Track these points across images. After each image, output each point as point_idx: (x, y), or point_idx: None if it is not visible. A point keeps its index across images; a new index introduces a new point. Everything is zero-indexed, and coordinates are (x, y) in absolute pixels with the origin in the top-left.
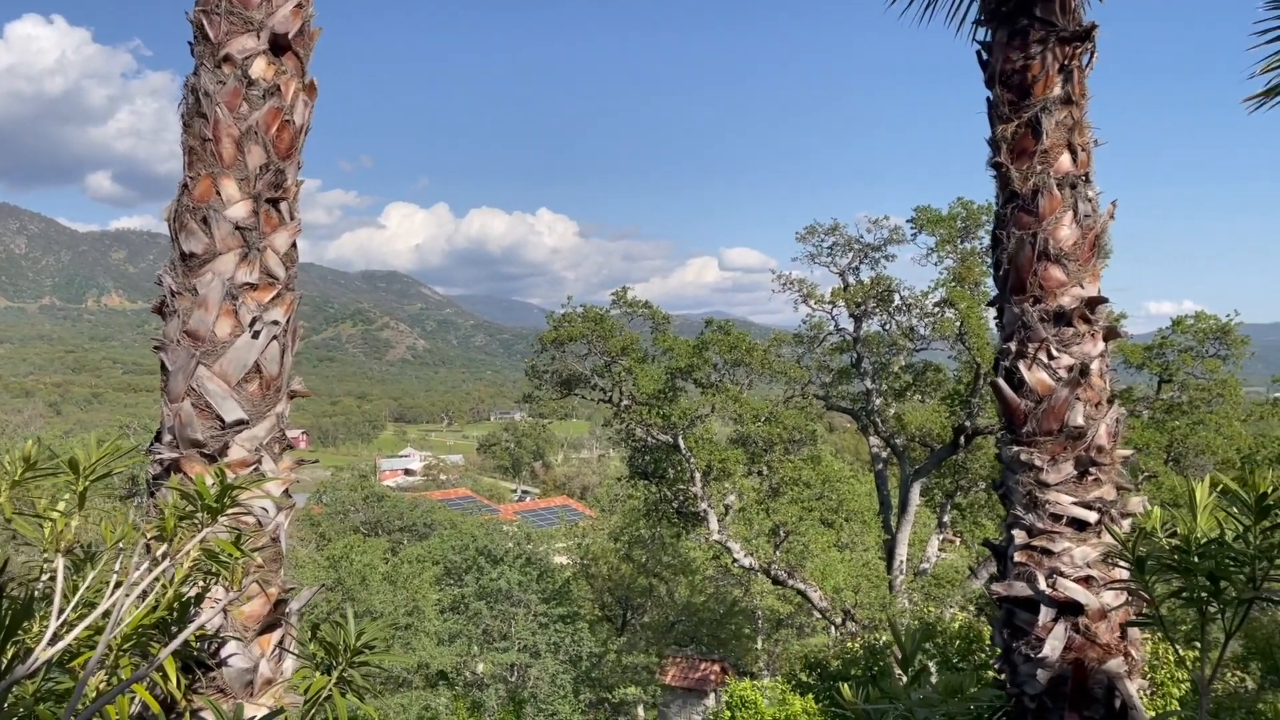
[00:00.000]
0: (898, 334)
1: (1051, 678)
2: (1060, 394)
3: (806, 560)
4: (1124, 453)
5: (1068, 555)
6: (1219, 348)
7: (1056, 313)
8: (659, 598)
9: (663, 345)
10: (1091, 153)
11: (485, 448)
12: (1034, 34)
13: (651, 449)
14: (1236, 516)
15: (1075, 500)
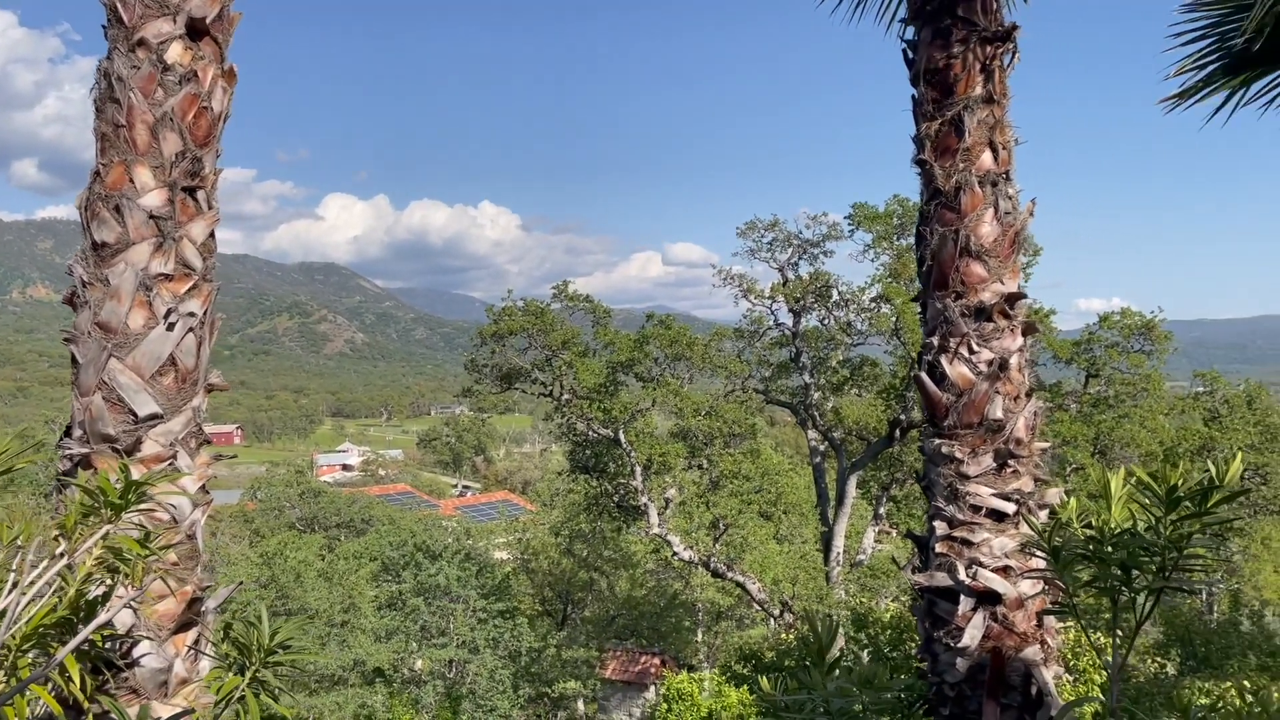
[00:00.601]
0: (836, 329)
1: (970, 666)
2: (980, 388)
3: (746, 553)
4: (1042, 445)
5: (987, 546)
6: (1143, 344)
7: (977, 308)
8: (599, 592)
9: (604, 339)
10: (1012, 151)
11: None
12: (957, 33)
13: (592, 443)
14: (1148, 508)
15: (994, 492)
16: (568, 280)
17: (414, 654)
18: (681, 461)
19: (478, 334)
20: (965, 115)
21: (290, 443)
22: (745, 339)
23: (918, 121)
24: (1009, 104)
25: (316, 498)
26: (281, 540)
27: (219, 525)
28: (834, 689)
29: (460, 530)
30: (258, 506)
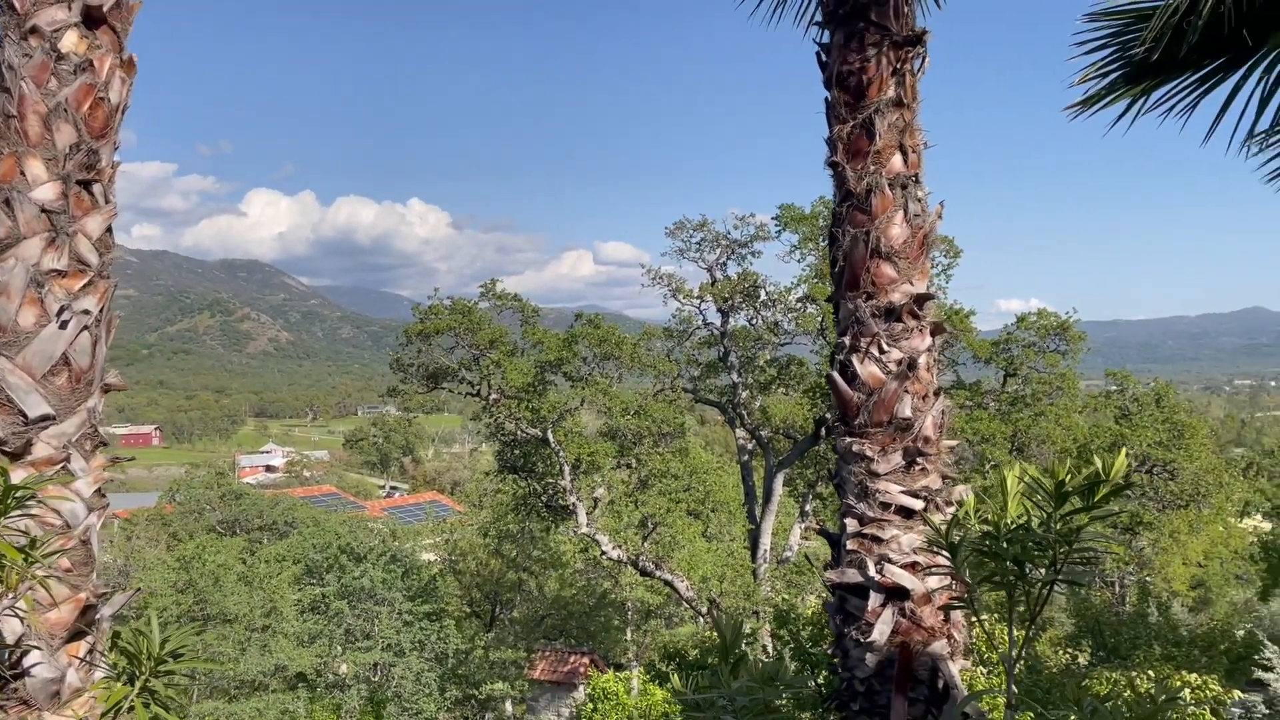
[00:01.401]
0: (763, 329)
1: (880, 661)
2: (890, 387)
3: (674, 551)
4: (949, 443)
5: (896, 542)
6: (1059, 343)
7: (887, 308)
8: (528, 592)
9: (532, 338)
10: (921, 154)
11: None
12: (869, 37)
13: (521, 443)
14: (1040, 504)
15: (903, 489)
16: (496, 279)
17: (338, 658)
18: (610, 460)
19: (403, 333)
20: (876, 118)
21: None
22: (674, 338)
23: (830, 124)
24: (919, 108)
25: (238, 500)
26: (200, 544)
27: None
28: (738, 687)
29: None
30: (176, 509)
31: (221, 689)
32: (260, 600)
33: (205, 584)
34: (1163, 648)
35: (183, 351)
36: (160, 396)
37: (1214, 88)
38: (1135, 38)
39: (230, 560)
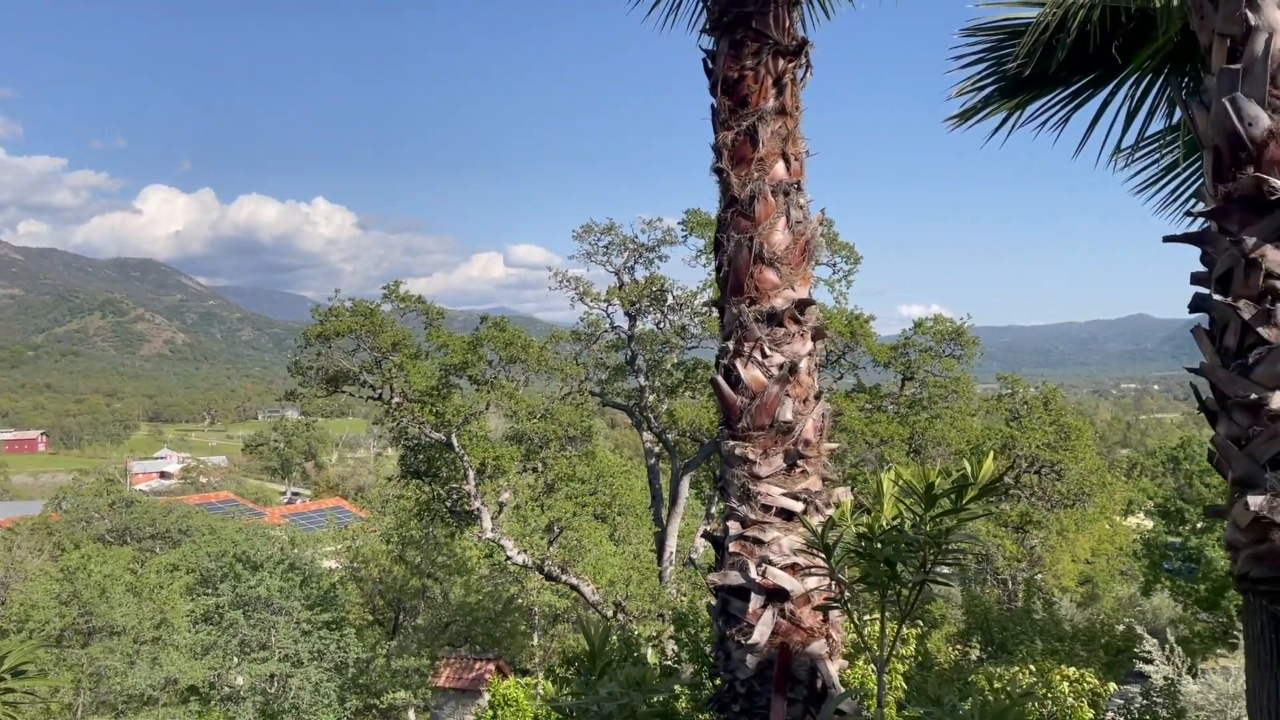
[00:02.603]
0: (670, 332)
1: (760, 662)
2: (772, 390)
3: (581, 555)
4: (830, 446)
5: (777, 544)
6: (954, 348)
7: (770, 313)
8: (433, 599)
9: (436, 341)
10: (804, 162)
11: (252, 448)
12: (752, 46)
13: (425, 447)
14: (911, 506)
15: (784, 491)
16: (399, 280)
17: (232, 669)
18: (516, 465)
19: (302, 335)
20: (760, 126)
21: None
22: (582, 341)
23: (716, 130)
24: (801, 116)
25: (129, 507)
26: (86, 553)
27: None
28: (605, 693)
29: (286, 539)
30: (62, 518)
31: (109, 704)
32: (150, 611)
33: (91, 595)
34: (1046, 643)
35: (72, 353)
36: (47, 400)
37: (1084, 103)
38: (1009, 53)
39: (118, 570)
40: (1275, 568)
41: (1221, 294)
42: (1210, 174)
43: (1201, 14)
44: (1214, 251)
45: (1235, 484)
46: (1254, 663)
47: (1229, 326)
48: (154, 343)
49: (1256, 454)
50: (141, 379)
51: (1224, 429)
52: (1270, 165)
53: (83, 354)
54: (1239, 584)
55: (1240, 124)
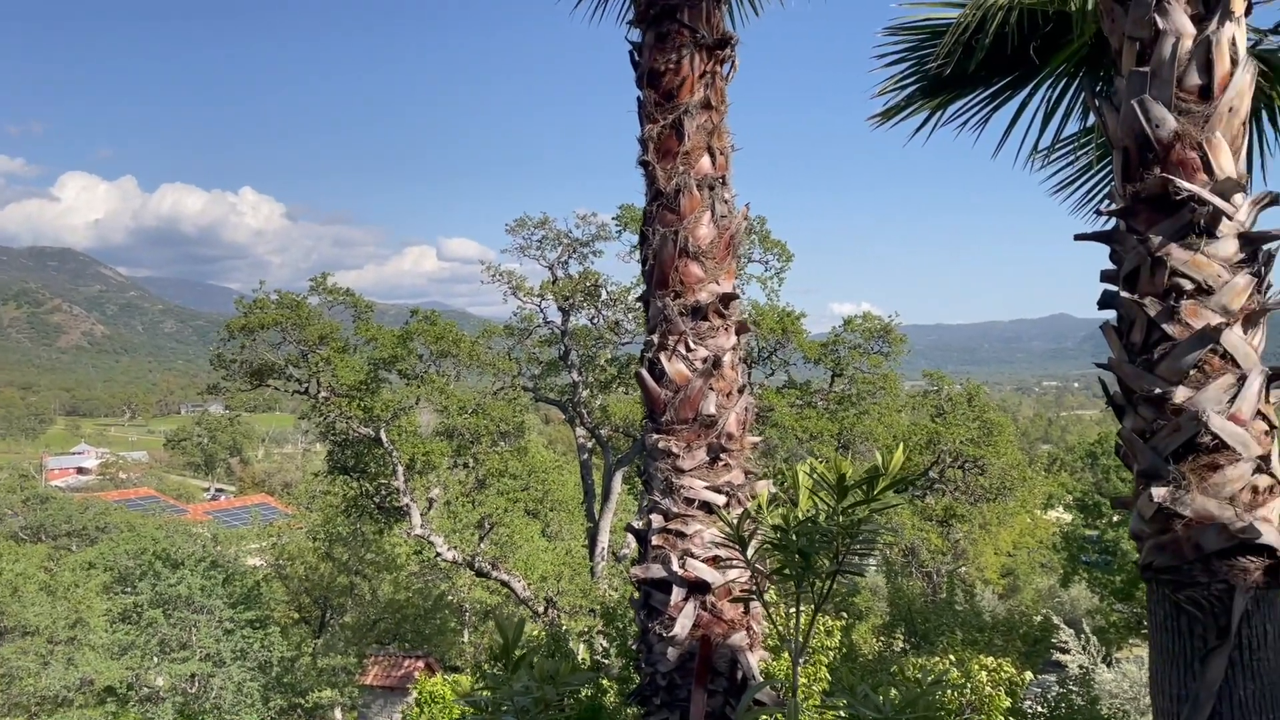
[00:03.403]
0: (604, 328)
1: (681, 654)
2: (695, 384)
3: (512, 551)
4: (753, 439)
5: (699, 537)
6: (882, 345)
7: (694, 307)
8: (360, 596)
9: (365, 335)
10: (730, 157)
11: (174, 443)
12: (679, 39)
13: (353, 443)
14: (824, 498)
15: (707, 485)
16: (327, 273)
17: (151, 670)
18: (446, 460)
19: (225, 327)
20: (686, 120)
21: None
22: (515, 336)
23: (642, 123)
24: (727, 111)
25: (44, 504)
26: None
27: None
28: (519, 687)
29: (208, 536)
30: None
31: (21, 705)
32: (65, 611)
33: (2, 594)
34: (966, 633)
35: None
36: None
37: (1003, 104)
38: (930, 53)
39: (31, 569)
40: (1177, 557)
41: (1129, 291)
42: (1120, 174)
43: (1112, 17)
44: (1122, 250)
45: (1140, 476)
46: (1158, 650)
47: (1136, 323)
48: (71, 334)
49: (1160, 447)
50: (58, 371)
51: (1130, 423)
52: (1176, 166)
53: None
54: (1144, 573)
55: (1148, 125)
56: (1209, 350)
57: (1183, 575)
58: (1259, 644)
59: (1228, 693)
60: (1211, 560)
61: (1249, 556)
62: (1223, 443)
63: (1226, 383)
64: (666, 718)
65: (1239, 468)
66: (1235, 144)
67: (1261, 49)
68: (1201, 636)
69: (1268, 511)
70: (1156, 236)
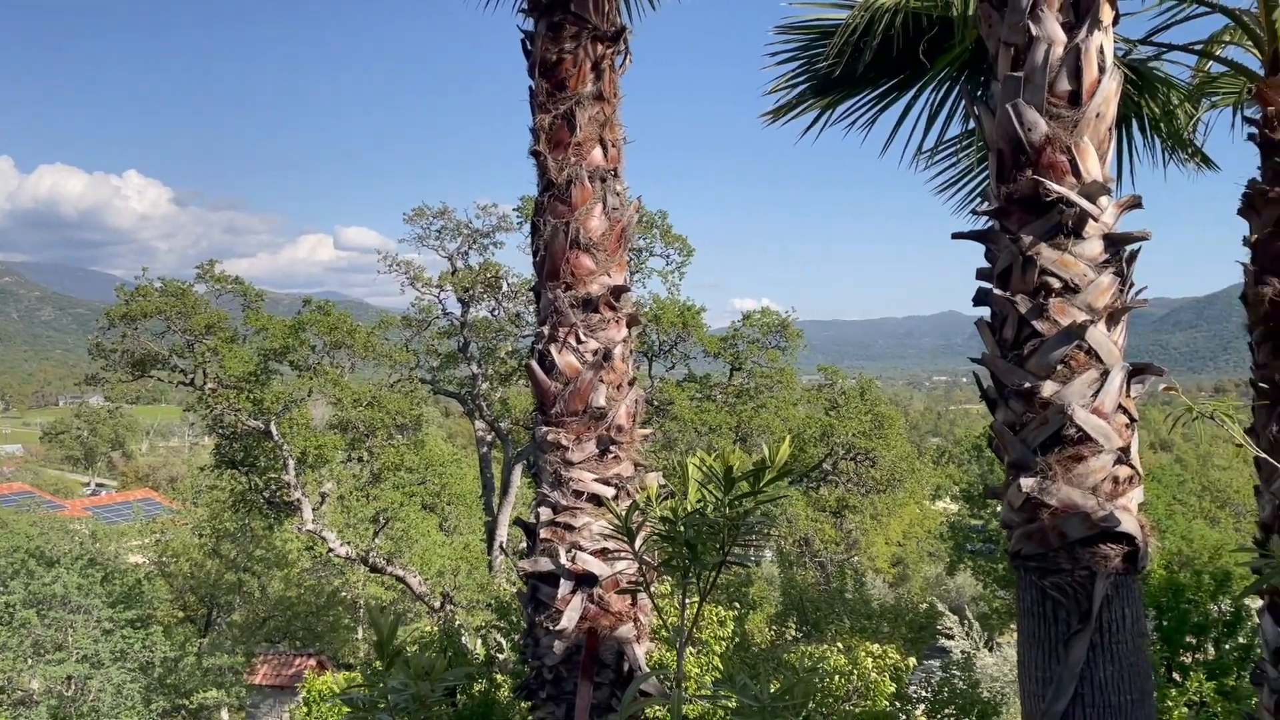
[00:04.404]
0: (505, 320)
1: (567, 648)
2: (586, 376)
3: (408, 546)
4: (643, 432)
5: (587, 530)
6: (779, 340)
7: (585, 299)
8: (249, 594)
9: (255, 325)
10: (621, 149)
11: (51, 436)
12: (570, 29)
13: (241, 436)
14: (711, 490)
15: (596, 477)
16: (214, 260)
17: (24, 672)
18: (340, 454)
19: (105, 315)
20: (577, 110)
21: None
22: (413, 328)
23: (534, 113)
24: (619, 103)
25: None
26: None
27: None
28: (394, 684)
29: (86, 533)
30: None
31: None
32: None
33: None
34: (855, 621)
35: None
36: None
37: (890, 105)
38: (820, 52)
39: None
40: (1044, 545)
41: (1002, 289)
42: (994, 175)
43: (990, 23)
44: (996, 249)
45: (1010, 467)
46: (1025, 635)
47: (1008, 320)
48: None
49: (1029, 439)
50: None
51: (1002, 416)
52: (1046, 169)
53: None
54: (1013, 560)
55: (1021, 129)
56: (1075, 346)
57: (1048, 562)
58: (1118, 628)
59: (1088, 674)
60: (1075, 548)
61: (1109, 544)
62: (1087, 435)
63: (1091, 378)
64: (553, 711)
65: (1101, 459)
66: (1102, 149)
67: (1131, 59)
68: (1065, 621)
69: (1127, 501)
70: (1027, 236)
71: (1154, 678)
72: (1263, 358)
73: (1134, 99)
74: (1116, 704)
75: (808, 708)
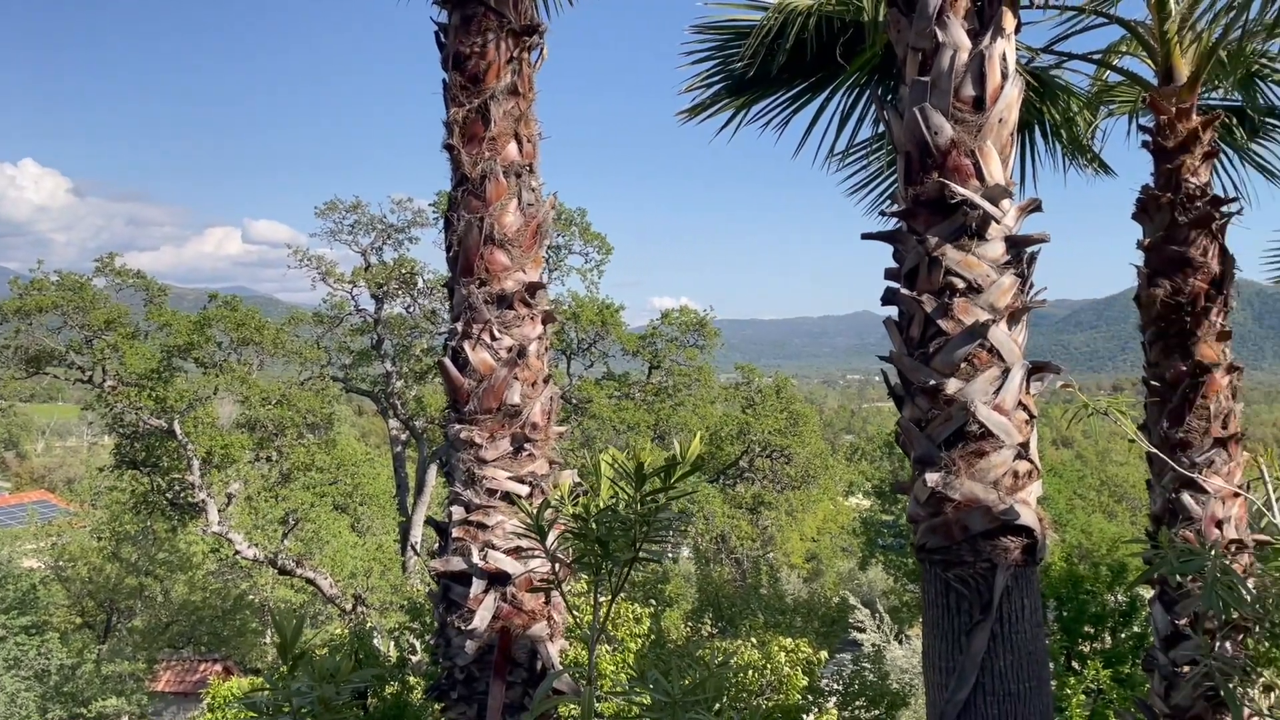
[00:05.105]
0: (420, 317)
1: (480, 647)
2: (500, 374)
3: (319, 548)
4: (558, 430)
5: (501, 528)
6: (697, 338)
7: (499, 296)
8: (152, 598)
9: (158, 320)
10: (537, 145)
11: None
12: (486, 23)
13: (143, 435)
14: (623, 486)
15: (510, 475)
16: (114, 253)
17: None
18: (248, 454)
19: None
20: (492, 105)
21: None
22: (325, 324)
23: (448, 106)
24: (535, 98)
25: None
26: None
27: None
28: (297, 687)
29: None
30: None
31: None
32: None
33: None
34: (769, 616)
35: None
36: None
37: (803, 107)
38: (735, 52)
39: None
40: (947, 538)
41: (909, 289)
42: (903, 178)
43: (899, 28)
44: (904, 249)
45: (916, 463)
46: (930, 626)
47: (914, 319)
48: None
49: (934, 435)
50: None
51: (909, 412)
52: (952, 171)
53: None
54: (918, 554)
55: (928, 132)
56: (978, 345)
57: (952, 555)
58: (1017, 618)
59: (989, 664)
60: (977, 540)
61: (1010, 537)
62: (988, 431)
63: (993, 375)
64: (464, 711)
65: (1002, 454)
66: (1004, 153)
67: (1033, 66)
68: (968, 612)
69: (1026, 495)
70: (933, 237)
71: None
72: (1154, 357)
73: (1036, 105)
74: (1015, 692)
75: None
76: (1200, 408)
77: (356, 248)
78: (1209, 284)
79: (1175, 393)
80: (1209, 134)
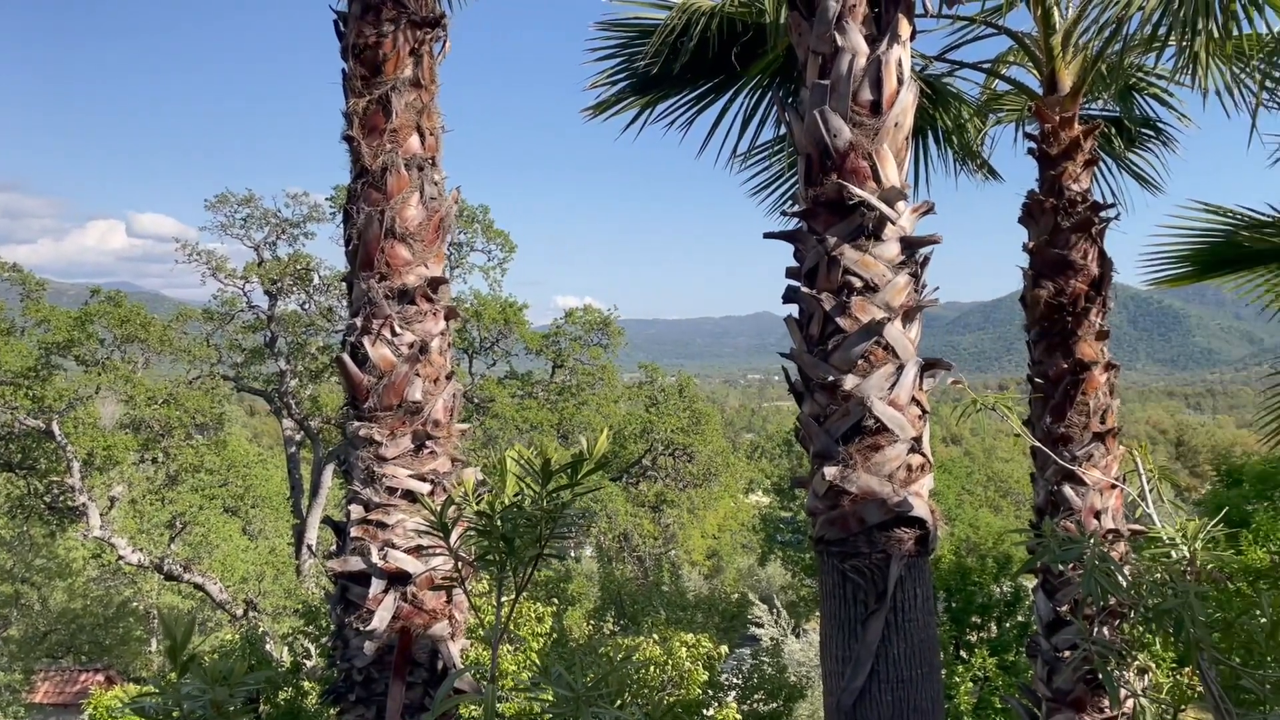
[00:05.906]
0: (316, 314)
1: (379, 648)
2: (401, 370)
3: (208, 552)
4: (461, 427)
5: (401, 527)
6: (601, 338)
7: (401, 290)
8: (28, 606)
9: (35, 316)
10: (440, 138)
11: None
12: (386, 12)
13: (19, 436)
14: (528, 483)
15: (411, 473)
16: None
17: None
18: (132, 455)
19: None
20: (393, 96)
21: None
22: (215, 321)
23: (348, 97)
24: (438, 91)
25: None
26: None
27: None
28: (187, 690)
29: None
30: None
31: None
32: None
33: None
34: (670, 612)
35: None
36: None
37: (707, 107)
38: (640, 51)
39: None
40: (844, 530)
41: (809, 287)
42: (803, 179)
43: (799, 32)
44: (804, 249)
45: (815, 457)
46: (827, 617)
47: (814, 317)
48: None
49: (832, 430)
50: None
51: (808, 408)
52: (850, 174)
53: None
54: (816, 546)
55: (827, 135)
56: (874, 342)
57: (848, 546)
58: (910, 606)
59: (884, 651)
60: (873, 532)
61: (903, 528)
62: (884, 425)
63: (888, 371)
64: (363, 714)
65: (897, 448)
66: (900, 156)
67: (927, 73)
68: (864, 602)
69: (919, 487)
70: (832, 237)
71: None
72: (1038, 355)
73: (929, 112)
74: (908, 678)
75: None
76: (1080, 403)
77: (249, 242)
78: (1089, 285)
79: (1058, 389)
80: (1090, 142)
